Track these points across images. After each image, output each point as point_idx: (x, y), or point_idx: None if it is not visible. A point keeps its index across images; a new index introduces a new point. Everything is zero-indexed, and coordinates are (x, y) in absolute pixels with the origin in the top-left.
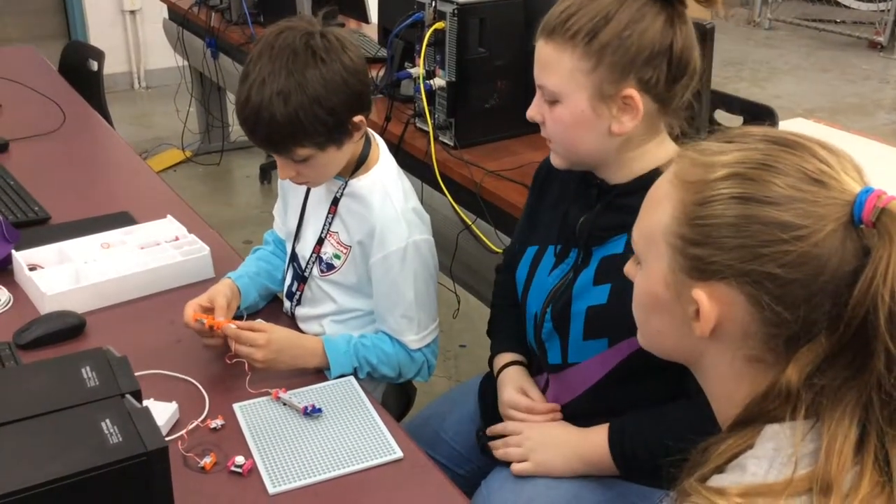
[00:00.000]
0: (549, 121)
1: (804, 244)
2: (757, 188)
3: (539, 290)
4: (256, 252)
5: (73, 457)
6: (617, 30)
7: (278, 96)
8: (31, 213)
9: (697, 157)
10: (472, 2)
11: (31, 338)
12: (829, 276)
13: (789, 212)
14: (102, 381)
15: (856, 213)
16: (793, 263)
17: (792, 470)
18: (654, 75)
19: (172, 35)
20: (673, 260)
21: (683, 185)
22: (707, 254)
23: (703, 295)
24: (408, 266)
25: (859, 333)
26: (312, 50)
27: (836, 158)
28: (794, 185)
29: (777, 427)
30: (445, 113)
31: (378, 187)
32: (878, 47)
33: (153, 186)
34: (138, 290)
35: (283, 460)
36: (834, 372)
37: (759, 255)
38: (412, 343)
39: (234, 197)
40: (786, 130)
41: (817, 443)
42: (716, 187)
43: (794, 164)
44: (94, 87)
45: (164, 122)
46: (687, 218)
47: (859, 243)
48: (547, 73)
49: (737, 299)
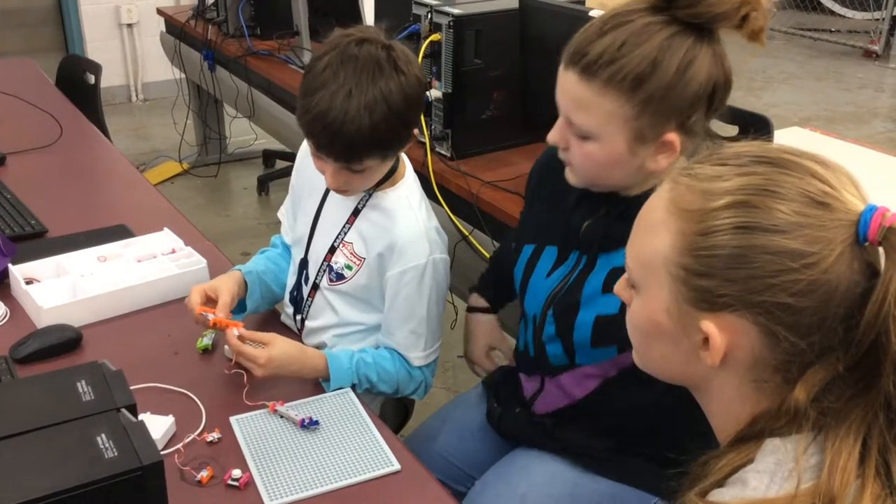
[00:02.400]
0: (578, 153)
1: (814, 271)
2: (762, 216)
3: (537, 291)
4: (265, 252)
5: (69, 471)
6: (665, 80)
7: (365, 109)
8: (28, 227)
9: (695, 185)
10: (469, 13)
11: (27, 352)
12: (840, 300)
13: (797, 239)
14: (98, 396)
15: (861, 233)
16: (804, 292)
17: (794, 484)
18: (696, 117)
19: (170, 48)
20: (676, 290)
21: (682, 214)
22: (714, 285)
23: (713, 326)
24: (425, 283)
25: (869, 354)
26: (394, 62)
27: (834, 176)
28: (798, 210)
29: (779, 441)
30: (442, 124)
31: (404, 202)
32: (873, 56)
33: (150, 199)
34: (135, 304)
35: (281, 473)
36: (840, 390)
37: (770, 285)
38: (416, 360)
39: (232, 209)
40: (777, 147)
41: (819, 456)
42: (718, 216)
43: (795, 187)
44: (92, 100)
45: (162, 135)
46: (689, 249)
47: (865, 262)
48: (582, 112)
49: (748, 330)
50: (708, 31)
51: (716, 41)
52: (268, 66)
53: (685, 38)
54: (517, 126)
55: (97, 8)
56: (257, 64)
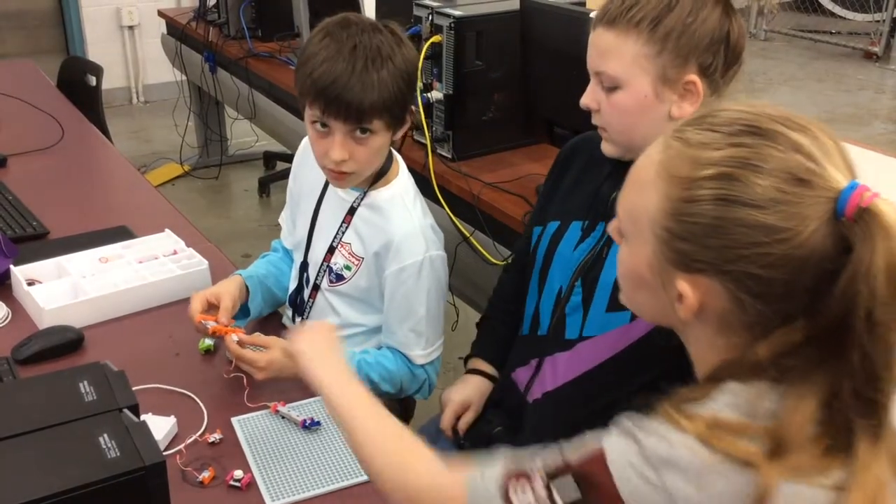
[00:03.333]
0: (607, 107)
1: (786, 246)
2: (742, 190)
3: (564, 264)
4: (266, 256)
5: (71, 472)
6: (681, 16)
7: (373, 63)
8: (30, 228)
9: (684, 151)
10: (470, 15)
11: (29, 353)
12: (811, 272)
13: (773, 215)
14: (100, 396)
15: (839, 209)
16: (774, 264)
17: (745, 415)
18: (714, 61)
19: (171, 50)
20: (658, 249)
21: (671, 179)
22: (692, 250)
23: (687, 286)
24: (423, 281)
25: (836, 327)
26: (391, 30)
27: (821, 150)
28: (778, 186)
29: (737, 385)
30: (443, 125)
31: (398, 200)
32: (873, 58)
33: (151, 200)
34: (137, 305)
35: (282, 474)
36: (807, 355)
37: (742, 256)
38: (418, 358)
39: (233, 210)
40: (771, 114)
41: (776, 406)
42: (702, 186)
43: (778, 162)
44: (93, 101)
45: (163, 137)
46: (674, 213)
47: (840, 236)
48: (608, 60)
49: (719, 292)
50: None
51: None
52: (269, 67)
53: None
54: (518, 127)
55: (98, 10)
56: (258, 66)
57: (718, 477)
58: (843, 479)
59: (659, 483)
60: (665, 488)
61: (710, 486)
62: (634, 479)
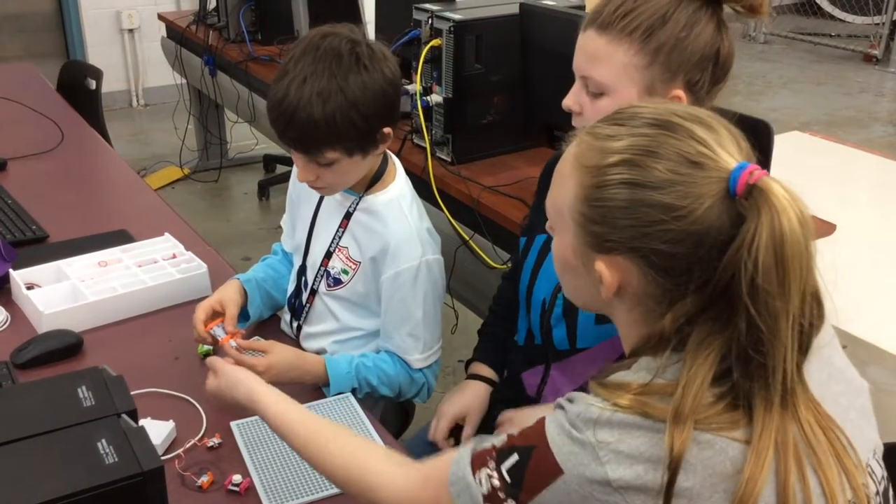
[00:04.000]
0: (591, 112)
1: (683, 222)
2: (642, 174)
3: (548, 276)
4: (266, 260)
5: (69, 477)
6: (675, 30)
7: (318, 96)
8: (29, 232)
9: (593, 143)
10: (469, 19)
11: (28, 357)
12: (709, 246)
13: (670, 194)
14: (98, 401)
15: (731, 188)
16: (675, 240)
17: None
18: (702, 78)
19: (171, 53)
20: (577, 234)
21: (582, 169)
22: (604, 231)
23: (604, 266)
24: (419, 285)
25: (726, 294)
26: (357, 56)
27: (714, 136)
28: (673, 168)
29: (649, 358)
30: (443, 129)
31: (394, 204)
32: (873, 60)
33: (151, 204)
34: (136, 309)
35: (281, 478)
36: (704, 323)
37: (646, 233)
38: (416, 362)
39: (233, 214)
40: (671, 108)
41: (676, 375)
42: (609, 172)
43: (674, 148)
44: (93, 105)
45: (163, 140)
46: (587, 199)
47: (735, 213)
48: (596, 65)
49: (632, 269)
50: (714, 1)
51: (720, 14)
52: (269, 70)
53: (692, 2)
54: (518, 131)
55: (98, 13)
56: (258, 69)
57: (637, 431)
58: (750, 435)
59: (585, 438)
60: (591, 442)
61: (630, 438)
62: (564, 439)
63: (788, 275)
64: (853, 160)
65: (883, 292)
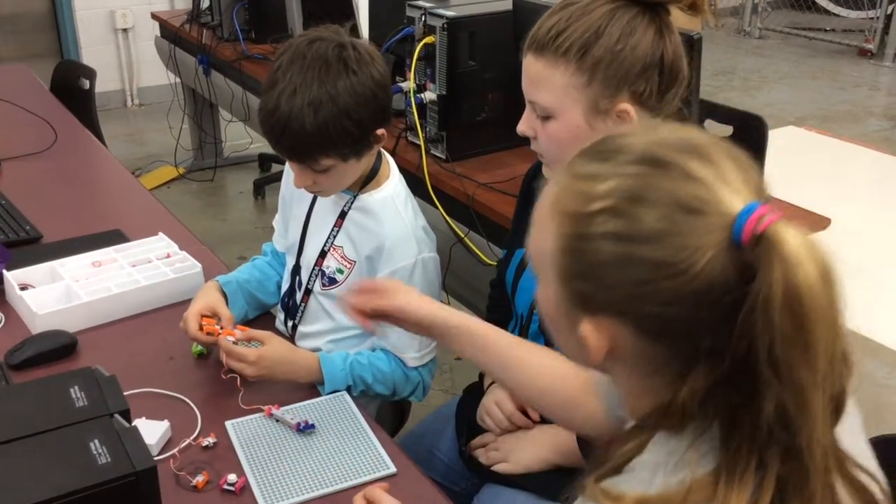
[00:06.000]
0: (543, 136)
1: (679, 280)
2: (629, 225)
3: (525, 292)
4: (254, 260)
5: (62, 478)
6: (609, 44)
7: (309, 106)
8: (23, 233)
9: (573, 185)
10: (462, 15)
11: (22, 358)
12: (710, 308)
13: (662, 249)
14: (91, 401)
15: (735, 237)
16: (671, 301)
17: (680, 479)
18: (647, 87)
19: (164, 52)
20: (560, 288)
21: (562, 217)
22: (588, 289)
23: (590, 328)
24: (415, 283)
25: (746, 362)
26: (344, 61)
27: (714, 171)
28: (666, 216)
29: (667, 436)
30: (437, 126)
31: (389, 203)
32: (868, 55)
33: (145, 204)
34: (130, 309)
35: (276, 477)
36: (725, 397)
37: (637, 294)
38: (411, 360)
39: (228, 213)
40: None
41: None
42: (591, 223)
43: (667, 192)
44: (87, 105)
45: (157, 139)
46: (569, 251)
47: (743, 264)
48: (539, 90)
49: (622, 333)
50: (652, 6)
51: (662, 18)
52: (262, 69)
53: (628, 11)
54: (512, 128)
55: (92, 13)
56: (252, 68)
57: None
58: None
59: None
60: None
61: None
62: None
63: (812, 340)
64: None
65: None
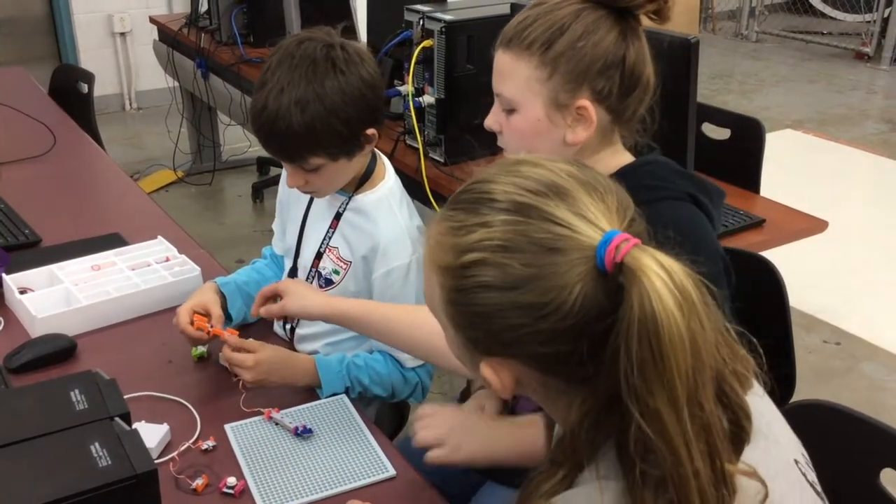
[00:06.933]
0: (506, 130)
1: (554, 319)
2: (500, 274)
3: None
4: (254, 263)
5: (62, 480)
6: (571, 40)
7: (296, 105)
8: (22, 236)
9: (445, 240)
10: (460, 19)
11: (21, 361)
12: (591, 338)
13: (533, 292)
14: (91, 404)
15: (600, 266)
16: (551, 339)
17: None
18: (608, 86)
19: (163, 56)
20: (455, 334)
21: (440, 270)
22: (479, 335)
23: (489, 370)
24: (410, 283)
25: (618, 389)
26: (332, 61)
27: (571, 206)
28: (530, 261)
29: (586, 475)
30: (435, 129)
31: (384, 203)
32: (864, 58)
33: (143, 207)
34: (129, 312)
35: (276, 481)
36: (612, 423)
37: (520, 337)
38: (408, 361)
39: (227, 216)
40: (523, 184)
41: None
42: (465, 275)
43: (529, 237)
44: (85, 109)
45: (156, 143)
46: (452, 302)
47: (615, 287)
48: (504, 82)
49: (519, 368)
50: (618, 11)
51: (629, 23)
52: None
53: (594, 12)
54: None
55: (90, 17)
56: (250, 71)
57: None
58: None
59: None
60: None
61: None
62: None
63: (668, 367)
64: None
65: (876, 288)
